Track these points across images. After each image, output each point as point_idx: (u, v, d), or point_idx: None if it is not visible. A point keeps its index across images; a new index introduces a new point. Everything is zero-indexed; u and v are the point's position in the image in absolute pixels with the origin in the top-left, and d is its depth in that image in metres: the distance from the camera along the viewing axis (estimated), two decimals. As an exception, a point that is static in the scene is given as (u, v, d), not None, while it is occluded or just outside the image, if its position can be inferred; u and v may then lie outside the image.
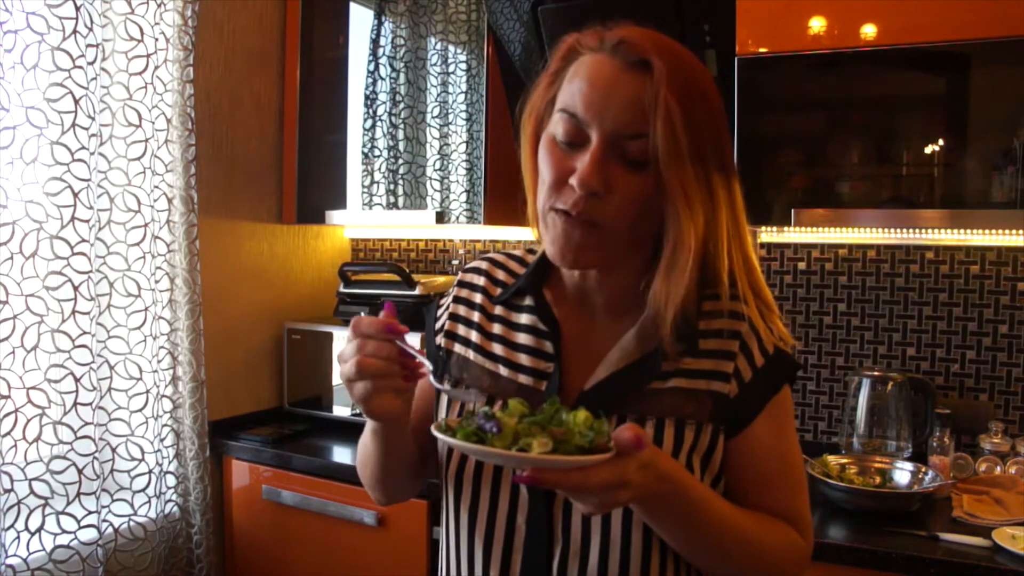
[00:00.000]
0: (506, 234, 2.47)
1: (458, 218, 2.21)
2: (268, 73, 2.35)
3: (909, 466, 1.75)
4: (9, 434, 1.64)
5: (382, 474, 1.00)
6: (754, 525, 0.89)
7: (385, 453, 0.96)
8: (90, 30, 1.75)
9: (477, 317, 1.02)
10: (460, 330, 1.03)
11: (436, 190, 2.25)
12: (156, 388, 1.97)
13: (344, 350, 0.84)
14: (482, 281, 1.04)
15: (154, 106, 1.93)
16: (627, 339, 0.92)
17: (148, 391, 1.95)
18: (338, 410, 2.28)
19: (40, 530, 1.70)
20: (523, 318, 0.99)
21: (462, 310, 1.04)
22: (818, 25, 1.71)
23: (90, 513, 1.77)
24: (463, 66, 2.20)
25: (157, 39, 1.93)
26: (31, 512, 1.69)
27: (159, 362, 1.97)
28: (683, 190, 0.83)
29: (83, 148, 1.75)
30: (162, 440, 1.98)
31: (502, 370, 0.97)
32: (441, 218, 2.20)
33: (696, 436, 0.89)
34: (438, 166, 2.24)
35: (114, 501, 1.89)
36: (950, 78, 1.70)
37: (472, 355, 1.00)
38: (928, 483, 1.67)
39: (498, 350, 0.99)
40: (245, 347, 2.31)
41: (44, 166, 1.72)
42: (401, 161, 2.29)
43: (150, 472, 1.96)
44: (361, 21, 2.35)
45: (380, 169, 2.31)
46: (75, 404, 1.76)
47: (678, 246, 0.85)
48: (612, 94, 0.84)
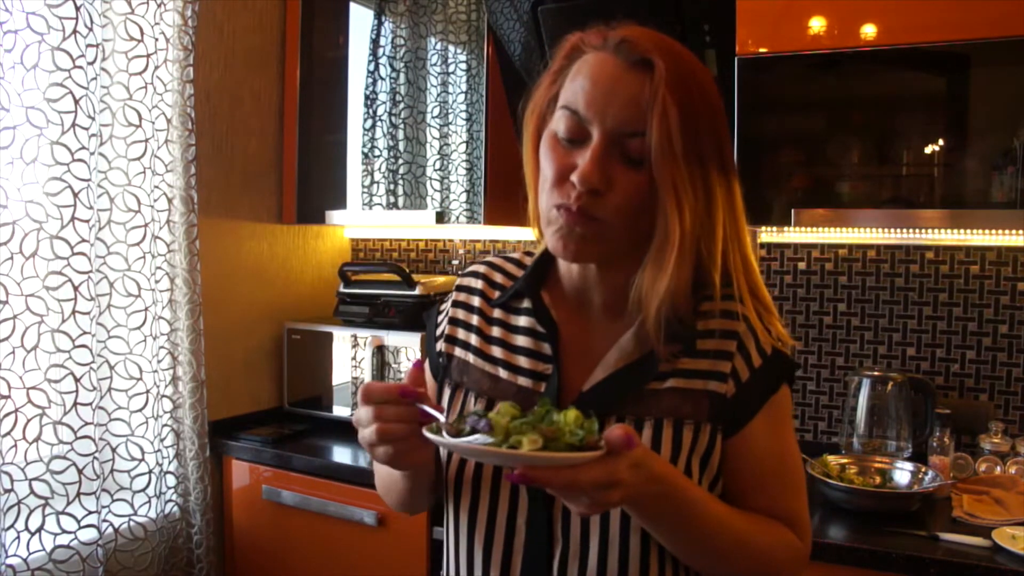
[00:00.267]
0: (506, 234, 2.47)
1: (458, 218, 2.21)
2: (268, 73, 2.35)
3: (909, 466, 1.75)
4: (9, 434, 1.64)
5: (409, 498, 1.02)
6: (750, 527, 0.89)
7: (412, 484, 0.97)
8: (90, 30, 1.75)
9: (476, 320, 1.02)
10: (460, 334, 1.03)
11: (436, 190, 2.25)
12: (156, 388, 1.97)
13: (359, 415, 0.84)
14: (480, 284, 1.04)
15: (154, 106, 1.94)
16: (625, 340, 0.92)
17: (148, 391, 1.95)
18: (338, 410, 2.28)
19: (40, 530, 1.70)
20: (521, 320, 0.99)
21: (461, 314, 1.04)
22: (818, 25, 1.71)
23: (90, 513, 1.77)
24: (463, 66, 2.20)
25: (157, 39, 1.93)
26: (31, 512, 1.69)
27: (159, 362, 1.97)
28: (672, 186, 0.84)
29: (83, 148, 1.75)
30: (162, 440, 1.98)
31: (501, 373, 0.97)
32: (441, 218, 2.20)
33: (694, 437, 0.89)
34: (438, 166, 2.24)
35: (114, 501, 1.89)
36: (950, 78, 1.70)
37: (472, 359, 1.00)
38: (928, 483, 1.67)
39: (497, 353, 0.99)
40: (245, 347, 2.31)
41: (44, 166, 1.72)
42: (401, 161, 2.29)
43: (150, 472, 1.96)
44: (361, 21, 2.35)
45: (380, 169, 2.31)
46: (75, 404, 1.76)
47: (663, 241, 0.86)
48: (614, 92, 0.85)
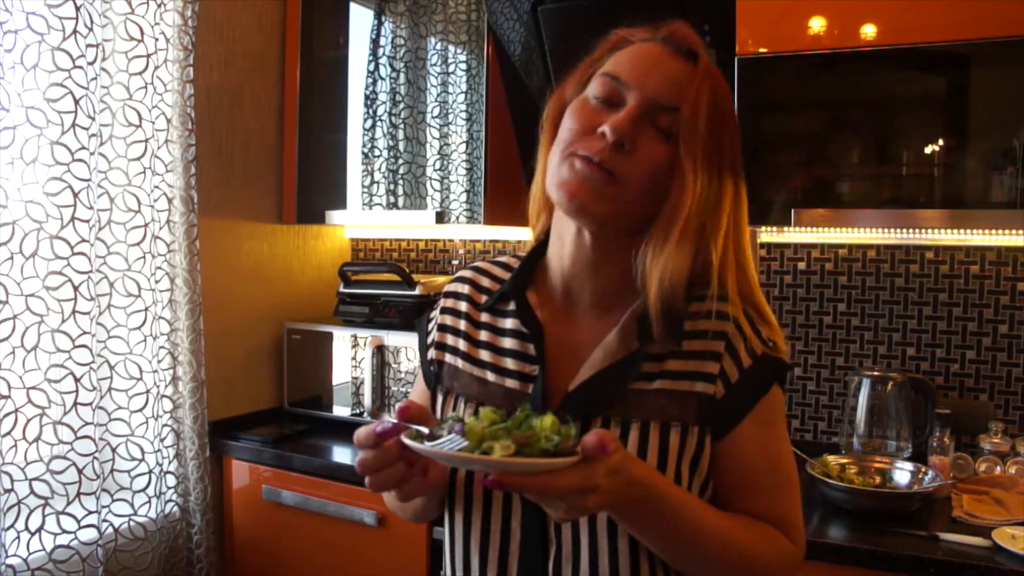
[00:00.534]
0: (506, 234, 2.47)
1: (458, 218, 2.21)
2: (268, 73, 2.35)
3: (909, 466, 1.74)
4: (9, 434, 1.64)
5: (423, 511, 1.03)
6: (738, 531, 0.88)
7: (426, 500, 0.98)
8: (90, 30, 1.75)
9: (463, 325, 1.02)
10: (449, 340, 1.03)
11: (436, 190, 2.25)
12: (156, 388, 1.97)
13: (361, 461, 0.82)
14: (466, 289, 1.04)
15: (154, 106, 1.93)
16: (609, 339, 0.92)
17: (148, 391, 1.95)
18: (338, 410, 2.28)
19: (40, 530, 1.70)
20: (507, 323, 0.98)
21: (449, 320, 1.04)
22: (818, 25, 1.71)
23: (90, 513, 1.77)
24: (463, 66, 2.20)
25: (157, 39, 1.93)
26: (31, 512, 1.69)
27: (159, 362, 1.97)
28: (693, 161, 0.86)
29: (83, 148, 1.75)
30: (162, 440, 1.98)
31: (489, 376, 0.97)
32: (441, 218, 2.20)
33: (682, 439, 0.89)
34: (438, 166, 2.24)
35: (114, 501, 1.89)
36: (950, 78, 1.70)
37: (461, 363, 1.00)
38: (928, 483, 1.67)
39: (485, 356, 0.98)
40: (245, 347, 2.31)
41: (44, 166, 1.72)
42: (401, 161, 2.29)
43: (150, 472, 1.96)
44: (361, 21, 2.35)
45: (380, 169, 2.31)
46: (75, 404, 1.76)
47: (671, 216, 0.87)
48: (657, 68, 0.89)
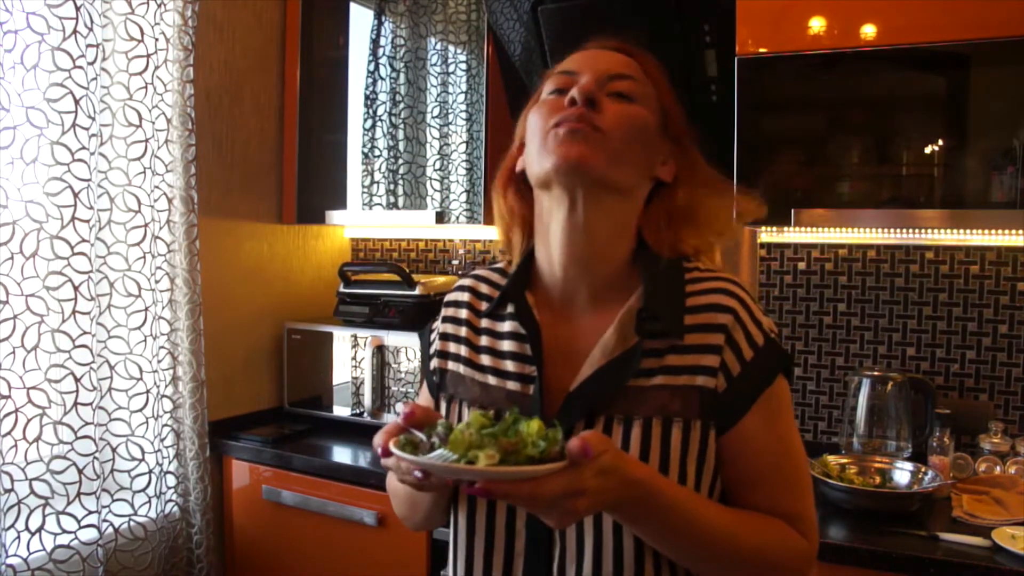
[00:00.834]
0: (506, 234, 2.47)
1: (458, 218, 2.21)
2: (268, 73, 2.35)
3: (909, 466, 1.74)
4: (9, 434, 1.64)
5: (430, 519, 1.03)
6: (744, 526, 0.88)
7: (437, 497, 0.98)
8: (90, 30, 1.75)
9: (464, 332, 1.02)
10: (451, 348, 1.03)
11: (436, 190, 2.25)
12: (156, 388, 1.97)
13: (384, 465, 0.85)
14: (466, 297, 1.05)
15: (154, 106, 1.94)
16: (607, 336, 0.92)
17: (148, 391, 1.95)
18: (338, 410, 2.28)
19: (40, 530, 1.70)
20: (506, 326, 0.99)
21: (450, 328, 1.04)
22: (818, 25, 1.71)
23: (90, 513, 1.77)
24: (463, 66, 2.20)
25: (157, 39, 1.93)
26: (31, 512, 1.69)
27: (159, 362, 1.97)
28: (667, 102, 0.97)
29: (83, 148, 1.75)
30: (162, 440, 1.98)
31: (491, 379, 0.97)
32: (441, 218, 2.20)
33: (685, 434, 0.88)
34: (438, 166, 2.24)
35: (114, 501, 1.89)
36: (950, 78, 1.70)
37: (463, 369, 1.01)
38: (928, 483, 1.67)
39: (486, 361, 0.99)
40: (245, 347, 2.31)
41: (44, 166, 1.72)
42: (401, 161, 2.29)
43: (150, 472, 1.96)
44: (361, 21, 2.35)
45: (380, 169, 2.31)
46: (75, 404, 1.76)
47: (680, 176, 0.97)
48: (602, 54, 0.98)
